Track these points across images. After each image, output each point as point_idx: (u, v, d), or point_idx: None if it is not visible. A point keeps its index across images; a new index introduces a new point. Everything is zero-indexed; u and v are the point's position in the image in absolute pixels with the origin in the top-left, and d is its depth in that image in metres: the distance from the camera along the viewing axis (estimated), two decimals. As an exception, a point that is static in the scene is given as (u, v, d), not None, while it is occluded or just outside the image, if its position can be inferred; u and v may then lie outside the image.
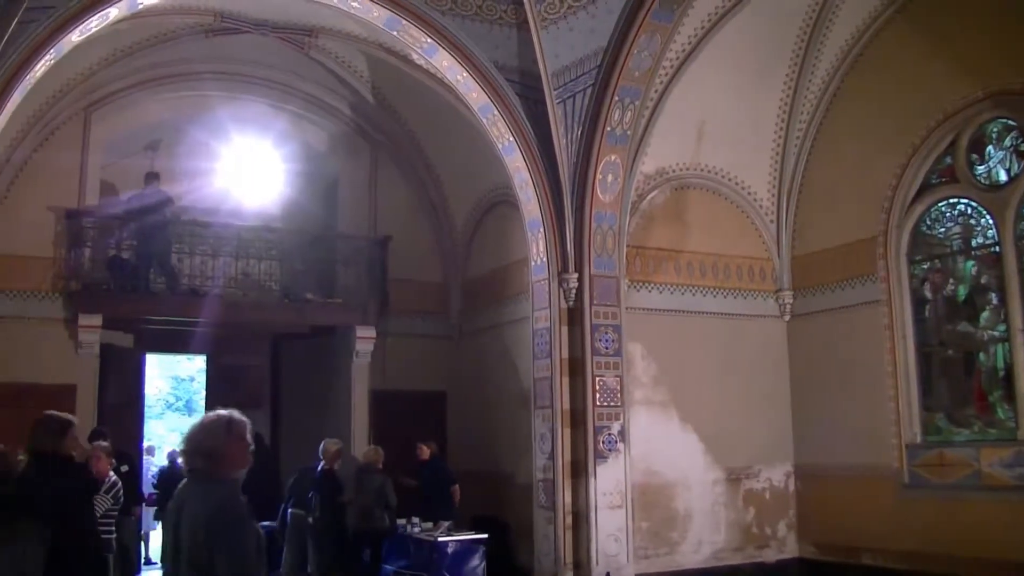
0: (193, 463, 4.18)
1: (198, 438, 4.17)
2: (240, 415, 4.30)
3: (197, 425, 4.23)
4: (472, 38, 11.63)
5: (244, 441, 4.20)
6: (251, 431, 4.27)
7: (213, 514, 3.93)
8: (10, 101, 9.83)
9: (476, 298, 15.05)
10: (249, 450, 4.23)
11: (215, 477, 4.09)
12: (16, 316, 12.70)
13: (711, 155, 13.17)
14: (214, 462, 4.10)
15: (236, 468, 4.17)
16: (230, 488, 4.10)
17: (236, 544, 3.90)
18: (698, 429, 12.70)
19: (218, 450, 4.10)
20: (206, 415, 4.33)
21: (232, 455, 4.14)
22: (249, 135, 15.00)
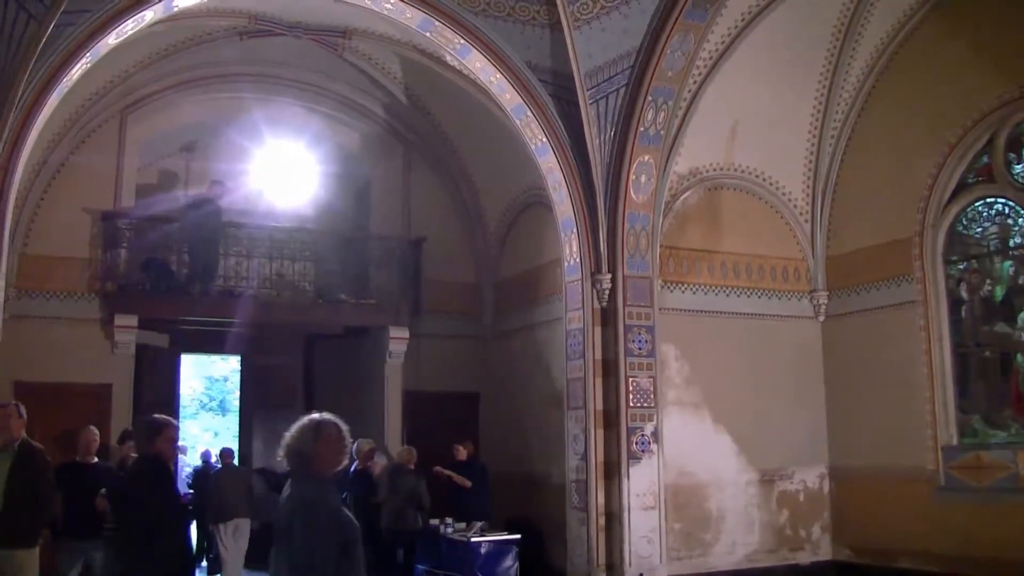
0: (289, 463, 4.53)
1: (292, 440, 4.52)
2: (331, 418, 4.65)
3: (293, 429, 4.56)
4: (505, 39, 11.64)
5: (333, 443, 4.52)
6: (346, 432, 4.62)
7: (303, 509, 4.31)
8: (47, 104, 9.94)
9: (509, 299, 15.04)
10: (341, 451, 4.58)
11: (307, 475, 4.44)
12: (53, 317, 12.83)
13: (745, 155, 13.11)
14: (306, 462, 4.45)
15: (327, 468, 4.49)
16: (321, 485, 4.43)
17: (322, 536, 4.24)
18: (731, 430, 12.64)
19: (308, 451, 4.45)
20: (301, 419, 4.64)
21: (322, 456, 4.46)
22: (283, 136, 15.06)
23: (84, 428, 9.56)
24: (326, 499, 4.41)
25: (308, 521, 4.27)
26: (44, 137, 11.53)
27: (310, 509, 4.32)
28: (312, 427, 4.55)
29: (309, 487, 4.42)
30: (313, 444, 4.48)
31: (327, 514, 4.34)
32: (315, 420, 4.61)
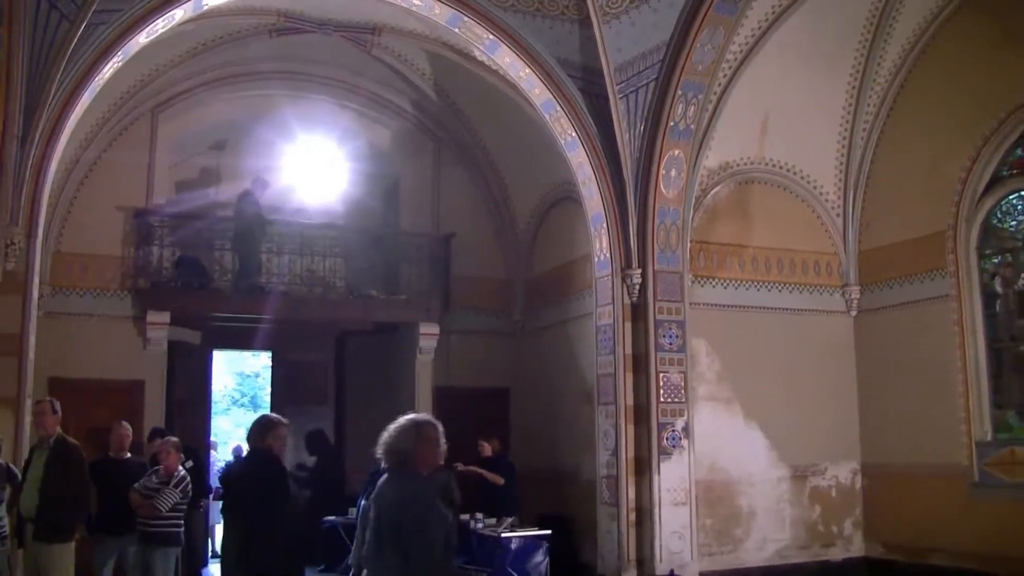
0: (389, 460, 4.82)
1: (392, 439, 4.82)
2: (429, 418, 5.00)
3: (392, 428, 4.85)
4: (534, 34, 11.63)
5: (432, 442, 4.83)
6: (442, 431, 4.90)
7: (406, 504, 4.64)
8: (80, 103, 10.06)
9: (539, 294, 15.03)
10: (438, 450, 4.87)
11: (408, 473, 4.76)
12: (87, 314, 12.95)
13: (776, 149, 13.03)
14: (405, 460, 4.76)
15: (425, 465, 4.80)
16: (420, 482, 4.75)
17: (424, 529, 4.59)
18: (763, 426, 12.59)
19: (408, 450, 4.76)
20: (400, 419, 4.91)
21: (421, 454, 4.78)
22: (313, 133, 15.11)
23: (117, 424, 9.65)
24: (429, 495, 4.71)
25: (416, 515, 4.59)
26: (77, 136, 11.63)
27: (417, 504, 4.63)
28: (412, 427, 4.83)
29: (412, 484, 4.72)
30: (413, 443, 4.77)
31: (432, 509, 4.66)
32: (414, 420, 4.89)
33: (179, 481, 8.93)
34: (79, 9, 9.60)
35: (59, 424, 8.56)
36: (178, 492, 8.87)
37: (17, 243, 9.49)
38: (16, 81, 9.38)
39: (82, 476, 8.32)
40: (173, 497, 8.81)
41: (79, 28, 9.63)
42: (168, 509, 8.78)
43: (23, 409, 9.37)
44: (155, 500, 8.74)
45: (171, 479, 8.89)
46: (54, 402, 8.63)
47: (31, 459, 8.49)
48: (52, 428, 8.44)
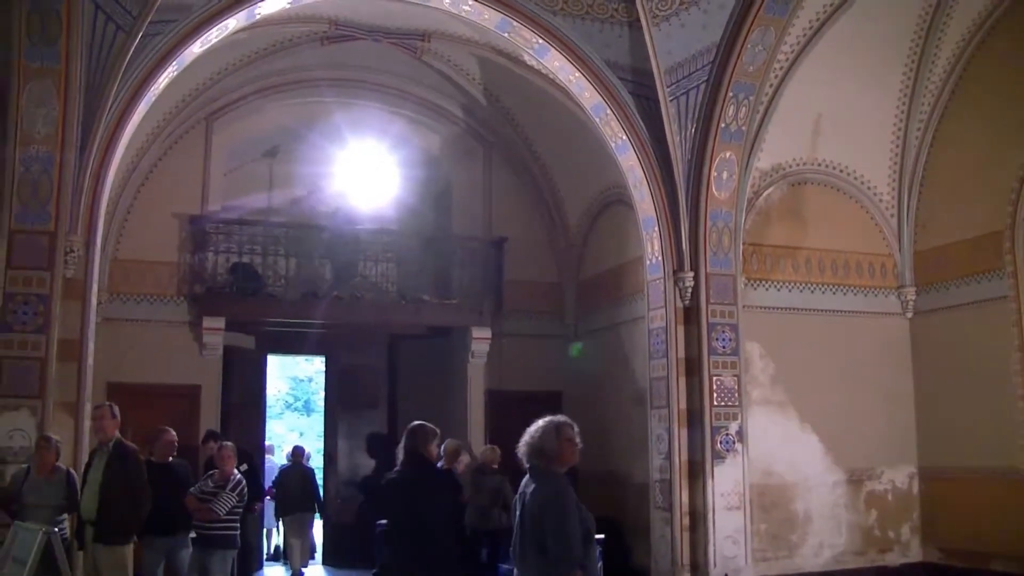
0: (531, 460, 5.16)
1: (535, 440, 5.17)
2: (567, 419, 5.30)
3: (532, 430, 5.22)
4: (583, 37, 11.62)
5: (571, 442, 5.16)
6: (575, 432, 5.23)
7: (547, 502, 4.96)
8: (136, 112, 10.23)
9: (591, 298, 15.00)
10: (576, 449, 5.19)
11: (550, 471, 5.08)
12: (144, 319, 13.14)
13: (828, 149, 12.91)
14: (547, 460, 5.09)
15: (565, 464, 5.14)
16: (561, 480, 5.07)
17: (564, 526, 4.86)
18: (818, 429, 12.46)
19: (550, 450, 5.09)
20: (540, 421, 5.27)
21: (561, 454, 5.11)
22: (365, 139, 15.20)
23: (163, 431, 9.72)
24: (569, 492, 4.98)
25: (557, 512, 4.89)
26: (133, 144, 11.81)
27: (558, 501, 4.92)
28: (553, 428, 5.16)
29: (553, 482, 5.03)
30: (555, 443, 5.10)
31: (574, 505, 4.94)
32: (555, 422, 5.22)
33: (235, 485, 9.03)
34: (135, 20, 9.76)
35: (118, 428, 8.70)
36: (234, 496, 8.97)
37: (76, 251, 9.67)
38: (74, 91, 9.56)
39: (140, 479, 8.44)
40: (230, 501, 8.91)
41: (135, 39, 9.79)
42: (225, 513, 8.88)
43: (83, 413, 9.54)
44: (212, 504, 8.85)
45: (227, 483, 9.00)
46: (113, 407, 8.76)
47: (91, 463, 8.62)
48: (111, 432, 8.57)
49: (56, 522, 8.07)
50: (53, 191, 9.57)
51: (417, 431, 7.29)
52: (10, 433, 9.13)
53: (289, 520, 14.22)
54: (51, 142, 9.55)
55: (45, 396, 9.27)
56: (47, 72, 9.48)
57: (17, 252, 9.43)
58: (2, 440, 9.10)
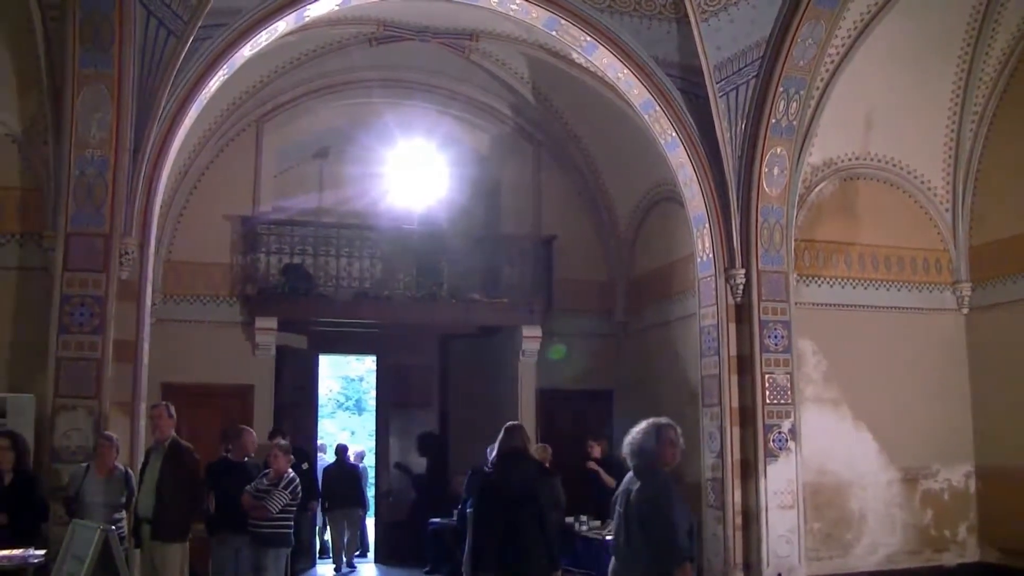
0: (633, 460, 5.51)
1: (637, 441, 5.51)
2: (668, 421, 5.61)
3: (635, 431, 5.55)
4: (631, 34, 11.57)
5: (672, 443, 5.47)
6: (679, 432, 5.55)
7: (652, 499, 5.28)
8: (188, 115, 10.34)
9: (641, 296, 14.94)
10: (677, 449, 5.50)
11: (652, 470, 5.39)
12: (197, 320, 13.28)
13: (881, 143, 12.76)
14: (649, 459, 5.41)
15: (666, 463, 5.45)
16: (663, 478, 5.37)
17: (670, 522, 5.17)
18: (872, 427, 12.32)
19: (651, 451, 5.42)
20: (643, 423, 5.59)
21: (662, 454, 5.43)
22: (414, 139, 15.27)
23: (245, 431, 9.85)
24: (672, 490, 5.31)
25: (663, 509, 5.21)
26: (185, 147, 11.94)
27: (663, 499, 5.24)
28: (653, 429, 5.48)
29: (657, 480, 5.34)
30: (656, 444, 5.42)
31: (677, 502, 5.26)
32: (655, 423, 5.53)
33: (288, 483, 9.11)
34: (186, 25, 9.88)
35: (174, 428, 8.82)
36: (287, 494, 9.04)
37: (131, 253, 9.79)
38: (127, 96, 9.69)
39: (196, 478, 8.56)
40: (283, 499, 8.99)
41: (186, 43, 9.91)
42: (278, 511, 8.96)
43: (138, 413, 9.66)
44: (265, 501, 8.94)
45: (281, 481, 9.08)
46: (170, 406, 8.90)
47: (147, 461, 8.77)
48: (167, 431, 8.71)
49: (114, 520, 8.19)
50: (108, 194, 9.70)
51: (519, 430, 7.66)
52: (67, 432, 9.27)
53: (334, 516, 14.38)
54: (105, 146, 9.69)
55: (101, 396, 9.40)
56: (101, 77, 9.62)
57: (73, 255, 9.58)
58: (60, 439, 9.24)
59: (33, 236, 9.90)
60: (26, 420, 9.23)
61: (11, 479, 8.30)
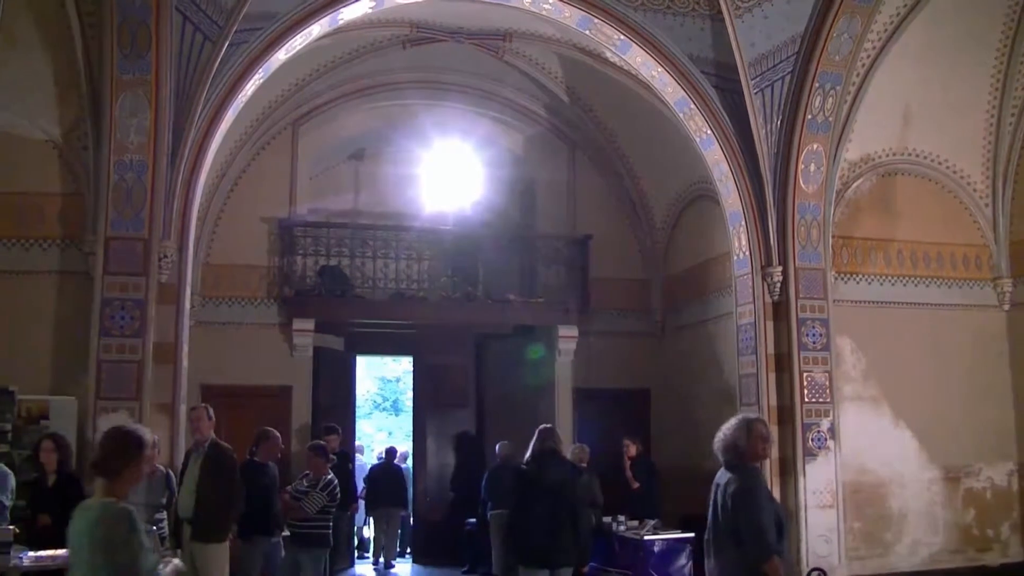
0: (724, 456, 5.60)
1: (727, 437, 5.58)
2: (756, 417, 5.91)
3: (727, 427, 5.63)
4: (665, 32, 11.53)
5: (762, 438, 5.56)
6: (767, 429, 5.66)
7: (740, 494, 5.39)
8: (224, 120, 10.44)
9: (678, 294, 14.88)
10: (767, 444, 5.62)
11: (742, 465, 5.49)
12: (236, 322, 13.40)
13: (919, 138, 12.63)
14: (739, 454, 5.50)
15: (757, 458, 5.59)
16: (751, 473, 5.49)
17: (753, 513, 5.31)
18: (912, 425, 12.20)
19: (741, 446, 5.50)
20: (733, 419, 5.70)
21: (752, 448, 5.52)
22: (450, 140, 15.30)
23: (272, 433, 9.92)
24: (761, 485, 5.47)
25: (750, 504, 5.32)
26: (222, 151, 12.04)
27: (751, 494, 5.36)
28: (745, 425, 5.56)
29: (746, 476, 5.44)
30: (746, 440, 5.49)
31: (766, 497, 5.41)
32: (746, 418, 5.66)
33: (326, 485, 9.15)
34: (221, 30, 9.98)
35: (213, 429, 8.90)
36: (325, 495, 9.09)
37: (170, 256, 9.91)
38: (165, 101, 9.80)
39: (235, 478, 8.62)
40: (320, 500, 9.03)
41: (222, 48, 10.01)
42: (316, 512, 9.01)
43: (178, 414, 9.77)
44: (303, 502, 8.99)
45: (319, 482, 9.13)
46: (209, 408, 8.98)
47: (187, 463, 8.85)
48: (207, 433, 8.78)
49: (155, 520, 8.27)
50: (146, 198, 9.82)
51: (551, 432, 8.28)
52: (109, 434, 9.37)
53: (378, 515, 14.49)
54: (143, 151, 9.81)
55: (142, 398, 9.52)
56: (139, 83, 9.74)
57: (113, 259, 9.71)
58: (102, 441, 9.34)
59: (74, 241, 10.04)
60: (68, 422, 9.37)
61: (55, 480, 8.39)
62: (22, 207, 10.05)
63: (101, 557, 4.09)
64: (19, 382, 9.40)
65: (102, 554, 4.09)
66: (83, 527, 4.16)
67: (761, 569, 5.26)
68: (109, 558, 4.08)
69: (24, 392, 9.41)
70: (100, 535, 4.11)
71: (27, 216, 10.07)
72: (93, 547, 4.11)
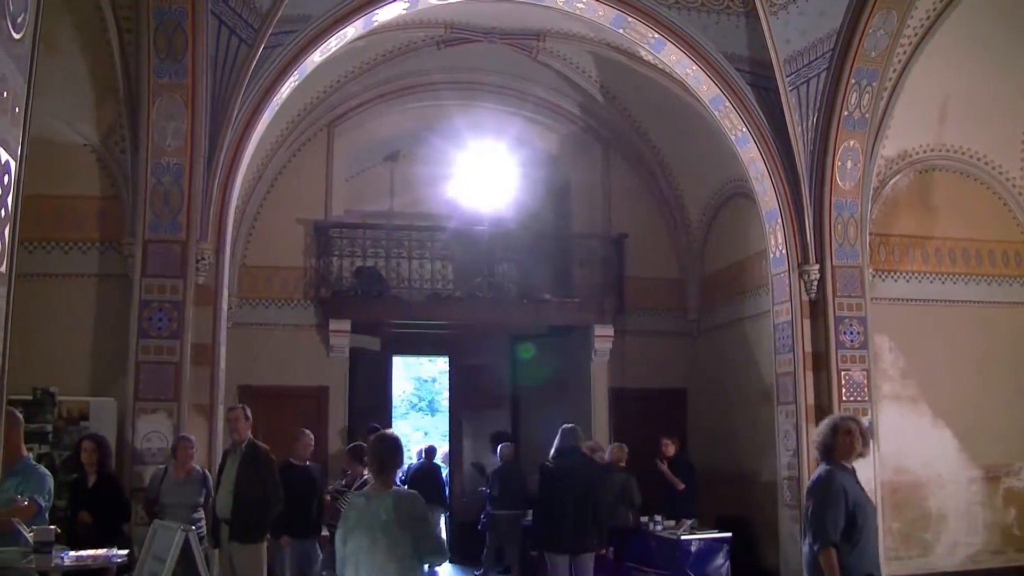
0: (819, 454, 5.83)
1: (819, 437, 5.83)
2: (848, 414, 6.14)
3: (820, 427, 5.92)
4: (700, 30, 11.49)
5: (849, 434, 5.70)
6: (857, 425, 5.78)
7: (810, 485, 5.74)
8: (260, 122, 10.51)
9: (714, 293, 14.82)
10: (855, 441, 5.70)
11: (828, 461, 5.70)
12: (272, 323, 13.49)
13: (957, 134, 12.50)
14: (827, 451, 5.73)
15: (845, 455, 5.70)
16: (827, 468, 5.66)
17: (817, 506, 5.55)
18: (951, 424, 12.08)
19: (830, 444, 5.72)
20: (826, 419, 6.00)
21: (840, 444, 5.69)
22: (484, 140, 15.29)
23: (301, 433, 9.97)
24: (833, 481, 5.54)
25: (818, 497, 5.57)
26: (258, 153, 12.11)
27: (822, 488, 5.56)
28: (832, 424, 5.79)
29: (824, 471, 5.65)
30: (833, 438, 5.71)
31: (835, 493, 5.50)
32: (834, 418, 5.89)
33: (361, 485, 9.20)
34: (256, 33, 10.05)
35: (250, 429, 8.96)
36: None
37: (207, 258, 10.00)
38: (201, 104, 9.90)
39: (273, 479, 8.67)
40: (353, 499, 9.09)
41: (257, 51, 10.08)
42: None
43: (216, 415, 9.86)
44: (339, 502, 9.06)
45: (354, 483, 9.19)
46: (246, 409, 9.04)
47: (224, 463, 8.91)
48: (244, 433, 8.84)
49: (193, 520, 8.34)
50: (183, 201, 9.93)
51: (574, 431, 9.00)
52: (148, 435, 9.51)
53: None
54: (180, 154, 9.91)
55: (180, 399, 9.62)
56: (175, 87, 9.84)
57: (151, 261, 9.82)
58: (140, 442, 9.48)
59: (112, 244, 10.17)
60: (108, 423, 9.48)
61: (95, 480, 8.49)
62: (62, 211, 10.17)
63: (407, 530, 5.25)
64: (59, 383, 9.50)
65: (408, 527, 5.26)
66: (383, 508, 5.30)
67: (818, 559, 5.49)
68: (413, 529, 5.26)
69: (64, 393, 9.52)
70: (405, 510, 5.28)
71: (66, 220, 10.20)
72: (400, 522, 5.24)
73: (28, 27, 3.85)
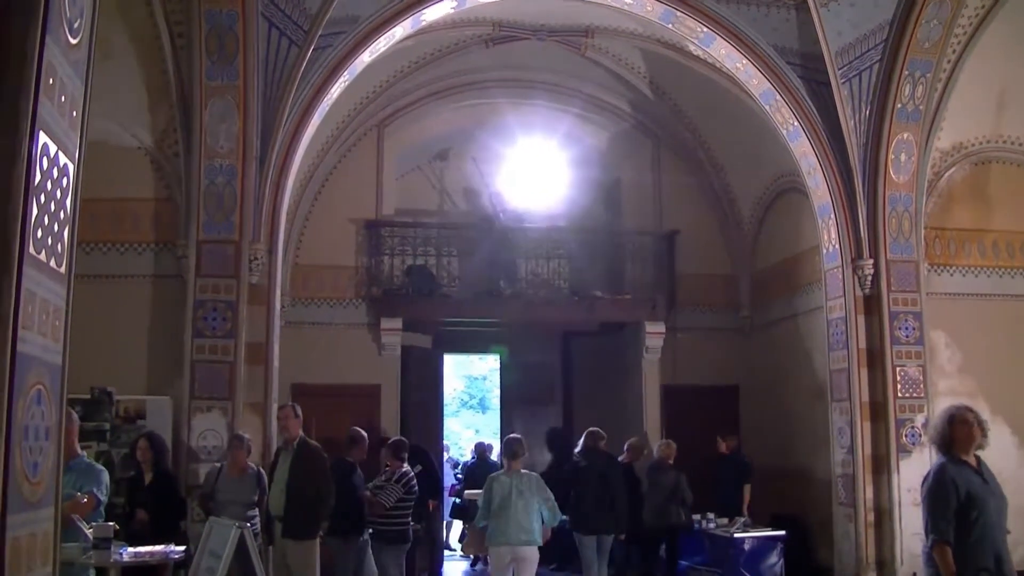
0: (935, 443, 5.84)
1: (933, 427, 5.86)
2: (960, 406, 5.88)
3: (935, 417, 6.11)
4: (749, 23, 11.39)
5: (965, 424, 5.67)
6: (972, 414, 5.77)
7: (924, 479, 5.76)
8: (311, 123, 10.60)
9: (766, 289, 14.68)
10: (971, 431, 5.68)
11: (945, 453, 5.68)
12: (325, 322, 13.59)
13: (1014, 125, 12.27)
14: (941, 441, 5.74)
15: (961, 446, 5.66)
16: (938, 461, 5.66)
17: (926, 500, 5.60)
18: (1011, 422, 11.83)
19: (945, 434, 5.69)
20: (941, 409, 6.06)
21: (953, 434, 5.66)
22: (534, 138, 15.24)
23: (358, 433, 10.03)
24: (943, 474, 5.53)
25: (927, 490, 5.60)
26: (309, 153, 12.19)
27: (931, 481, 5.58)
28: (947, 414, 5.76)
29: (936, 464, 5.66)
30: (948, 428, 5.67)
31: (945, 485, 5.49)
32: (950, 408, 5.82)
33: (400, 477, 9.28)
34: (306, 35, 10.14)
35: (301, 427, 9.04)
36: (400, 487, 9.21)
37: (260, 258, 10.11)
38: (253, 106, 10.01)
39: (324, 476, 8.74)
40: (396, 492, 9.17)
41: (307, 53, 10.17)
42: (391, 504, 9.11)
43: (270, 414, 9.96)
44: (379, 496, 9.13)
45: (394, 475, 9.27)
46: (296, 407, 9.12)
47: (277, 461, 9.00)
48: (295, 431, 8.92)
49: (248, 517, 8.43)
50: (236, 202, 10.04)
51: (595, 433, 10.38)
52: (203, 433, 9.65)
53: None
54: (233, 155, 10.03)
55: (235, 397, 9.74)
56: (227, 89, 9.95)
57: (205, 261, 9.95)
58: (196, 440, 9.61)
59: (167, 245, 10.31)
60: (164, 421, 9.63)
61: (151, 479, 8.62)
62: (117, 213, 10.33)
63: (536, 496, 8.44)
64: (116, 383, 9.66)
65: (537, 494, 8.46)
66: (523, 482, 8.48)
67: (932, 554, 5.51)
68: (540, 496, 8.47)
69: (121, 392, 9.68)
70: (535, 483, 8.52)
71: (122, 221, 10.36)
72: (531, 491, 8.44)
73: (84, 32, 3.91)
